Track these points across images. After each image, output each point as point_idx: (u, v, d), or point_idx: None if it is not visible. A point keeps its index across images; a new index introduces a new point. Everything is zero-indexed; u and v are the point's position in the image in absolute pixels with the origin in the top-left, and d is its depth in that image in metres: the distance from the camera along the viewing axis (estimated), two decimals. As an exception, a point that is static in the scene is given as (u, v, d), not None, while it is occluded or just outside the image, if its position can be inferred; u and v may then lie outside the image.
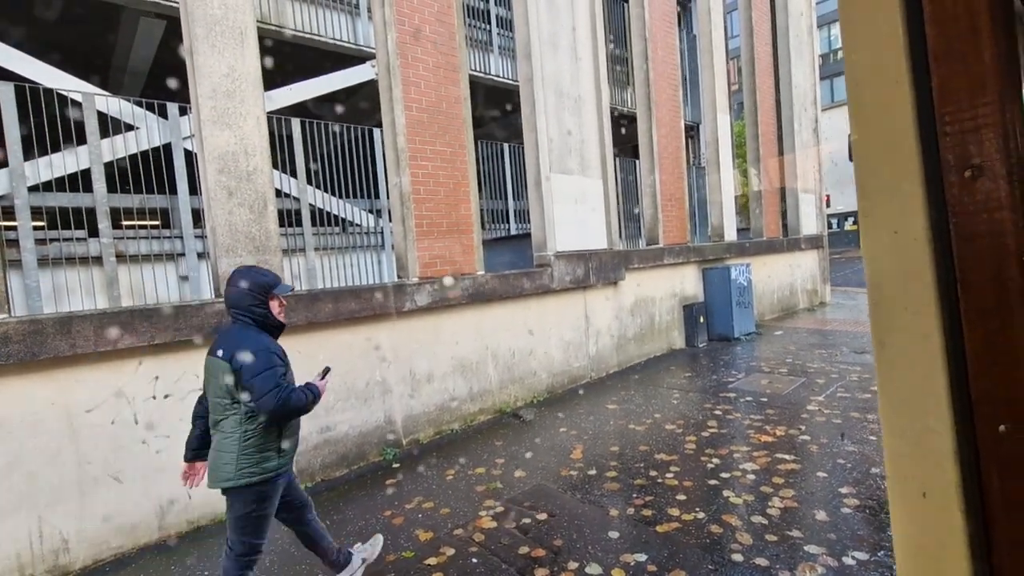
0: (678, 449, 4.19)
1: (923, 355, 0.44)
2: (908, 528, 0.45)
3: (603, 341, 6.79)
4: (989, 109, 0.40)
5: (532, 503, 3.50)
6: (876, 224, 0.46)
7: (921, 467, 0.44)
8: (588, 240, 6.55)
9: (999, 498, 0.40)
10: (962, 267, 0.42)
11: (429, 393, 4.93)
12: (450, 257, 5.08)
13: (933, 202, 0.43)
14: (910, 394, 0.44)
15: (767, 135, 10.49)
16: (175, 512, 3.50)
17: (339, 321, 4.27)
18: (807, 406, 4.94)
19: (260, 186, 3.88)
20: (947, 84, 0.42)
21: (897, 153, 0.44)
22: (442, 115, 5.04)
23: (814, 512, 3.10)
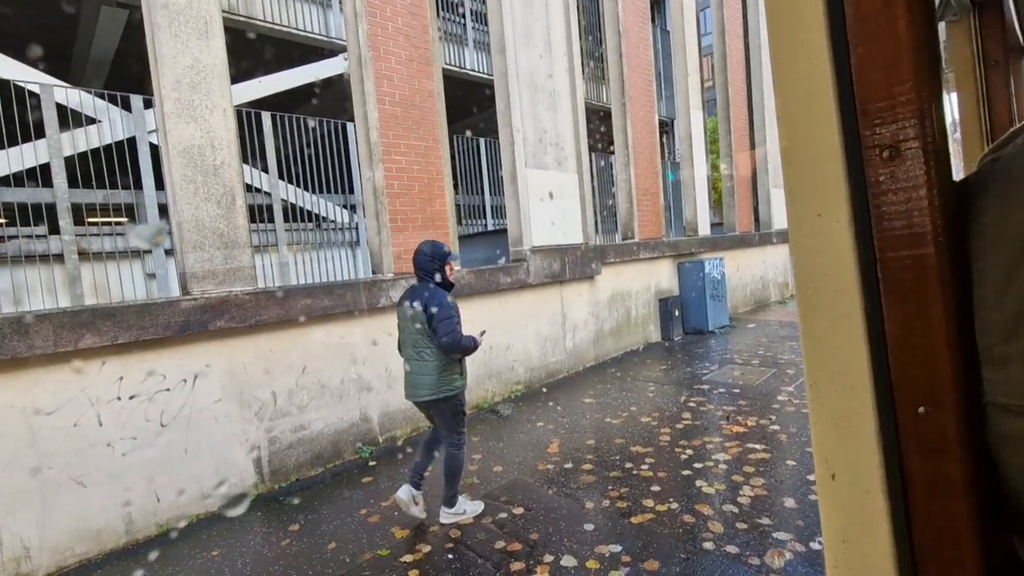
0: (653, 441, 4.25)
1: (846, 337, 0.44)
2: (833, 510, 0.45)
3: (580, 335, 6.84)
4: (905, 88, 0.40)
5: (509, 497, 3.51)
6: (801, 207, 0.45)
7: (845, 450, 0.44)
8: (564, 235, 6.57)
9: (918, 479, 0.41)
10: (882, 248, 0.42)
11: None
12: (425, 253, 5.04)
13: (854, 184, 0.43)
14: (834, 377, 0.45)
15: (739, 131, 10.67)
16: (143, 516, 3.41)
17: (313, 318, 4.20)
18: (778, 396, 5.06)
19: (228, 180, 3.79)
20: (864, 64, 0.41)
21: (819, 135, 0.44)
22: (416, 109, 4.99)
23: (783, 500, 3.18)
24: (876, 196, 0.42)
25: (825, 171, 0.44)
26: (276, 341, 4.03)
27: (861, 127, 0.42)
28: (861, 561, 0.43)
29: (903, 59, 0.40)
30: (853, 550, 0.44)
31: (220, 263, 3.73)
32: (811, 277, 0.45)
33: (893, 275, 0.41)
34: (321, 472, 4.26)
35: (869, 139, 0.42)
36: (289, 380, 4.11)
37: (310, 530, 3.32)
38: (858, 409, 0.43)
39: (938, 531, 0.40)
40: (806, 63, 0.44)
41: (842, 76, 0.43)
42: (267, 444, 3.98)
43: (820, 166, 0.44)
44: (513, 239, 6.17)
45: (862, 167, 0.42)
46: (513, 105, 5.94)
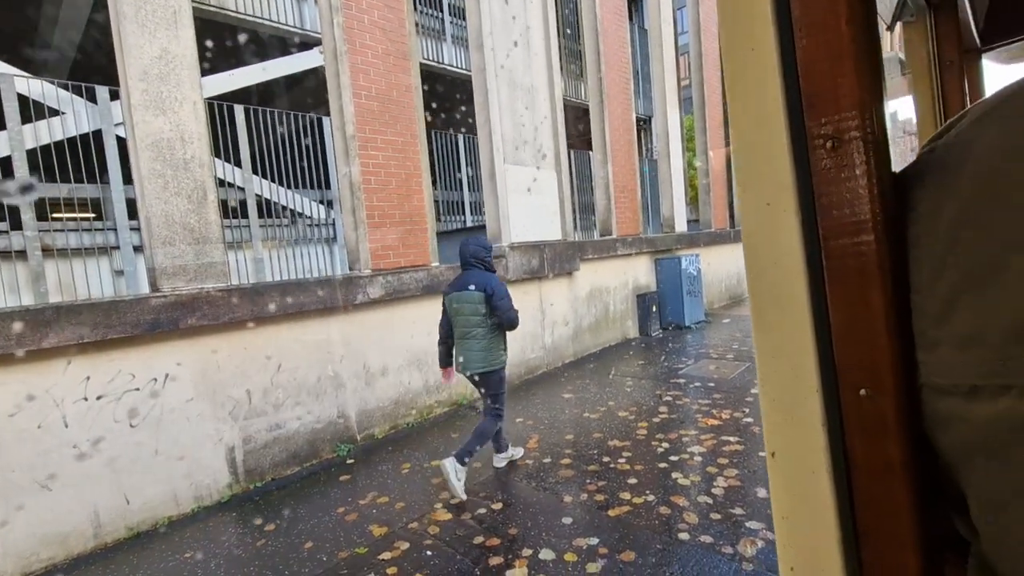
0: (630, 435, 4.31)
1: (793, 323, 0.45)
2: (781, 489, 0.47)
3: (559, 331, 6.88)
4: (847, 80, 0.41)
5: (488, 493, 3.52)
6: (751, 197, 0.46)
7: (792, 432, 0.46)
8: (543, 231, 6.59)
9: (860, 459, 0.42)
10: (826, 236, 0.43)
11: (384, 387, 4.87)
12: (403, 249, 5.01)
13: (801, 174, 0.44)
14: (781, 361, 0.46)
15: (714, 129, 10.83)
16: (112, 519, 3.33)
17: (288, 315, 4.14)
18: (751, 390, 5.17)
19: (199, 175, 3.70)
20: (810, 56, 0.42)
21: (768, 126, 0.45)
22: (393, 104, 4.94)
23: (755, 490, 3.25)
24: (820, 186, 0.43)
25: (773, 161, 0.45)
26: (250, 339, 3.96)
27: (807, 118, 0.43)
28: (807, 538, 0.45)
29: (845, 52, 0.41)
30: (800, 528, 0.46)
31: (191, 259, 3.65)
32: (761, 264, 0.47)
33: (836, 262, 0.42)
34: (298, 471, 4.20)
35: (814, 130, 0.43)
36: (264, 378, 4.05)
37: (286, 530, 3.28)
38: (804, 392, 0.44)
39: (879, 509, 0.42)
40: (752, 55, 0.45)
41: (788, 68, 0.43)
42: (242, 444, 3.91)
43: (768, 156, 0.45)
44: (492, 235, 6.16)
45: (808, 157, 0.43)
46: (491, 101, 5.93)
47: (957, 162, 0.35)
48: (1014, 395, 0.31)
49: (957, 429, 0.36)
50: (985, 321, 0.33)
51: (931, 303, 0.37)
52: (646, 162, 10.11)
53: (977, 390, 0.33)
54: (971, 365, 0.34)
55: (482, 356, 3.57)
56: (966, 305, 0.34)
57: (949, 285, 0.35)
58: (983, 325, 0.33)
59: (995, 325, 0.32)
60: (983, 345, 0.33)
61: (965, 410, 0.34)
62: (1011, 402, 0.31)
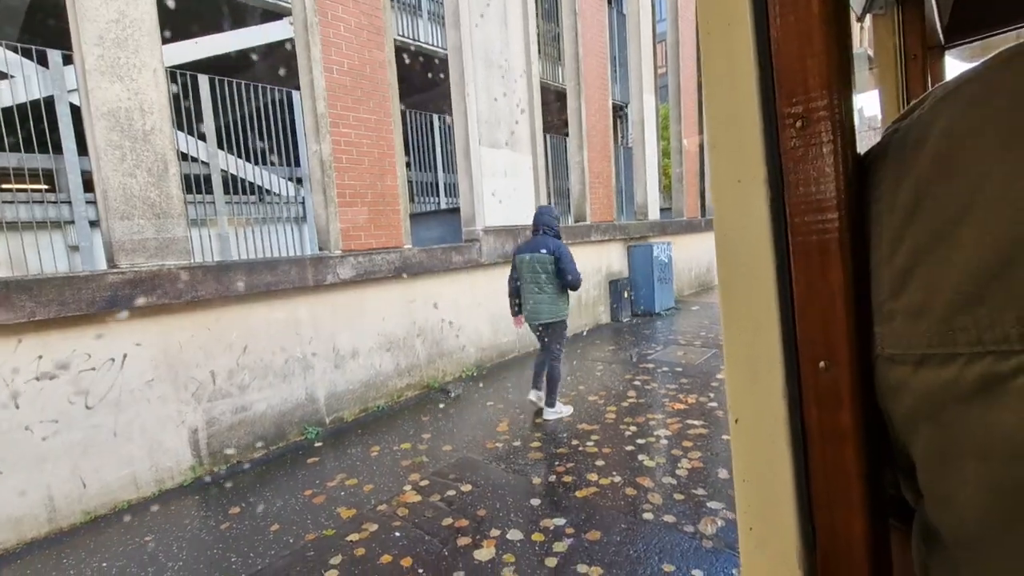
0: (599, 419, 4.37)
1: (758, 297, 0.46)
2: (741, 454, 0.49)
3: (531, 316, 6.90)
4: (816, 61, 0.41)
5: (457, 475, 3.54)
6: (722, 173, 0.47)
7: (754, 401, 0.47)
8: (518, 215, 6.57)
9: (815, 427, 0.44)
10: (792, 212, 0.44)
11: (354, 369, 4.82)
12: (375, 230, 4.93)
13: (770, 152, 0.44)
14: (746, 334, 0.47)
15: (689, 118, 10.92)
16: (68, 503, 3.22)
17: (254, 295, 4.04)
18: (717, 375, 5.30)
19: (159, 147, 3.54)
20: (781, 34, 0.43)
21: (741, 103, 0.45)
22: (365, 80, 4.81)
23: (717, 471, 3.35)
24: (788, 164, 0.44)
25: (745, 139, 0.45)
26: (214, 319, 3.85)
27: (778, 97, 0.44)
28: (765, 501, 0.47)
29: (815, 32, 0.41)
30: (759, 491, 0.48)
31: (151, 235, 3.51)
32: (729, 240, 0.48)
33: (801, 238, 0.43)
34: (264, 454, 4.14)
35: (784, 109, 0.43)
36: (229, 359, 3.95)
37: (251, 512, 3.24)
38: (767, 364, 0.46)
39: (832, 475, 0.44)
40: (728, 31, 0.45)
41: (762, 46, 0.44)
42: (205, 426, 3.82)
43: (741, 134, 0.46)
44: (466, 218, 6.11)
45: (778, 136, 0.44)
46: (467, 81, 5.83)
47: (917, 142, 0.37)
48: (959, 363, 0.33)
49: (906, 397, 0.37)
50: (934, 292, 0.34)
51: (888, 276, 0.38)
52: (621, 149, 10.15)
53: (925, 359, 0.35)
54: (921, 335, 0.35)
55: (548, 308, 4.26)
56: (919, 277, 0.36)
57: (904, 258, 0.37)
58: (932, 296, 0.35)
59: (942, 295, 0.34)
60: (932, 315, 0.34)
61: (914, 379, 0.36)
62: (956, 370, 0.33)
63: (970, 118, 0.33)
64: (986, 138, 0.32)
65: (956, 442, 0.34)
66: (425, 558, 2.66)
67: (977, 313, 0.32)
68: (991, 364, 0.31)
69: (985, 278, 0.31)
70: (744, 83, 0.45)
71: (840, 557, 0.44)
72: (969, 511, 0.34)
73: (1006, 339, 0.30)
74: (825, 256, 0.42)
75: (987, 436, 0.32)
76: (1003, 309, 0.31)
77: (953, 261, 0.33)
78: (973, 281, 0.32)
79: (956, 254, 0.33)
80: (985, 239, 0.31)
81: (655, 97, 9.85)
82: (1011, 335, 0.30)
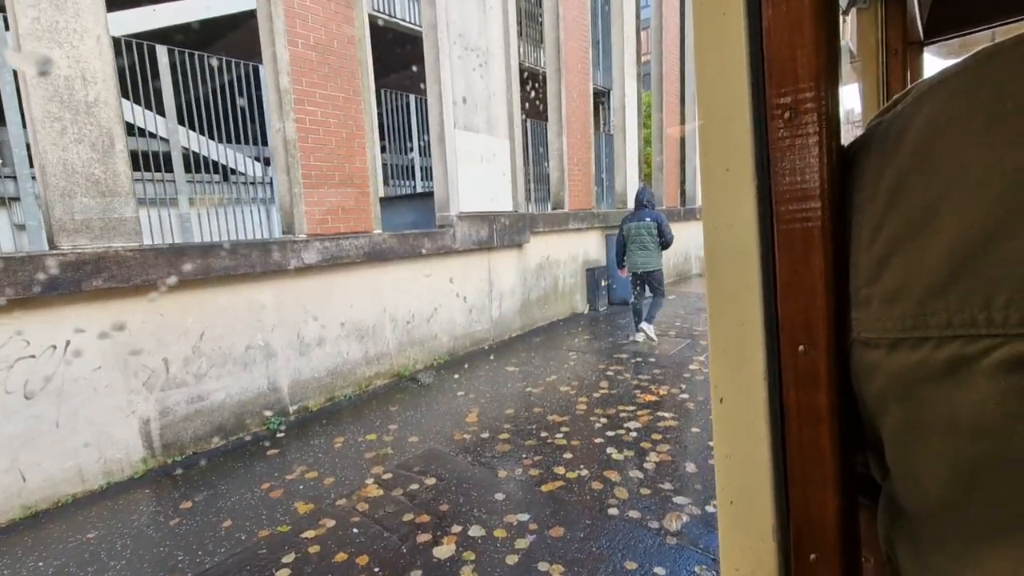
0: (570, 410, 4.31)
1: (743, 282, 0.48)
2: (725, 435, 0.51)
3: (507, 304, 6.81)
4: (804, 52, 0.42)
5: (422, 468, 3.45)
6: (712, 161, 0.48)
7: (736, 382, 0.49)
8: (493, 202, 6.43)
9: (793, 408, 0.46)
10: (777, 200, 0.45)
11: (320, 357, 4.67)
12: (343, 213, 4.75)
13: (758, 141, 0.45)
14: (730, 317, 0.49)
15: (670, 105, 10.83)
16: (6, 497, 3.04)
17: (211, 279, 3.85)
18: (689, 366, 5.28)
19: (105, 120, 3.31)
20: (773, 26, 0.43)
21: (732, 93, 0.46)
22: (334, 55, 4.59)
23: (685, 465, 3.32)
24: (775, 153, 0.44)
25: (735, 128, 0.46)
26: (168, 304, 3.66)
27: (767, 87, 0.44)
28: (744, 477, 0.50)
29: (805, 23, 0.42)
30: (739, 467, 0.50)
31: (96, 214, 3.29)
32: (716, 226, 0.49)
33: (785, 226, 0.44)
34: (223, 445, 3.99)
35: (773, 100, 0.44)
36: (184, 347, 3.77)
37: (204, 507, 3.10)
38: (750, 346, 0.48)
39: (807, 454, 0.46)
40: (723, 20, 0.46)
41: (754, 36, 0.44)
42: (158, 416, 3.65)
43: (731, 122, 0.47)
44: (440, 203, 5.95)
45: (766, 126, 0.45)
46: (442, 61, 5.63)
47: (899, 134, 0.38)
48: (930, 346, 0.34)
49: (878, 378, 0.39)
50: (909, 278, 0.36)
51: (866, 263, 0.39)
52: (603, 136, 10.03)
53: (899, 343, 0.36)
54: (896, 319, 0.37)
55: (653, 260, 5.91)
56: (895, 264, 0.37)
57: (882, 246, 0.38)
58: (907, 282, 0.36)
59: (916, 282, 0.35)
60: (906, 301, 0.36)
61: (887, 361, 0.37)
62: (927, 352, 0.34)
63: (951, 110, 0.34)
64: (966, 130, 0.33)
65: (923, 420, 0.35)
66: (382, 556, 2.57)
67: (948, 298, 0.33)
68: (959, 347, 0.32)
69: (956, 265, 0.32)
70: (735, 73, 0.46)
71: (813, 531, 0.46)
72: (933, 484, 0.36)
73: (973, 323, 0.32)
74: (808, 244, 0.43)
75: (952, 414, 0.33)
76: (972, 294, 0.32)
77: (928, 248, 0.34)
78: (945, 268, 0.33)
79: (931, 242, 0.34)
80: (958, 227, 0.32)
81: (637, 83, 9.72)
82: (978, 319, 0.31)
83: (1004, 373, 0.30)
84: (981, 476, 0.33)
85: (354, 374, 4.96)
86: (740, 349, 0.48)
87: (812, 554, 0.46)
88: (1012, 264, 0.30)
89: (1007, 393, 0.30)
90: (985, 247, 0.31)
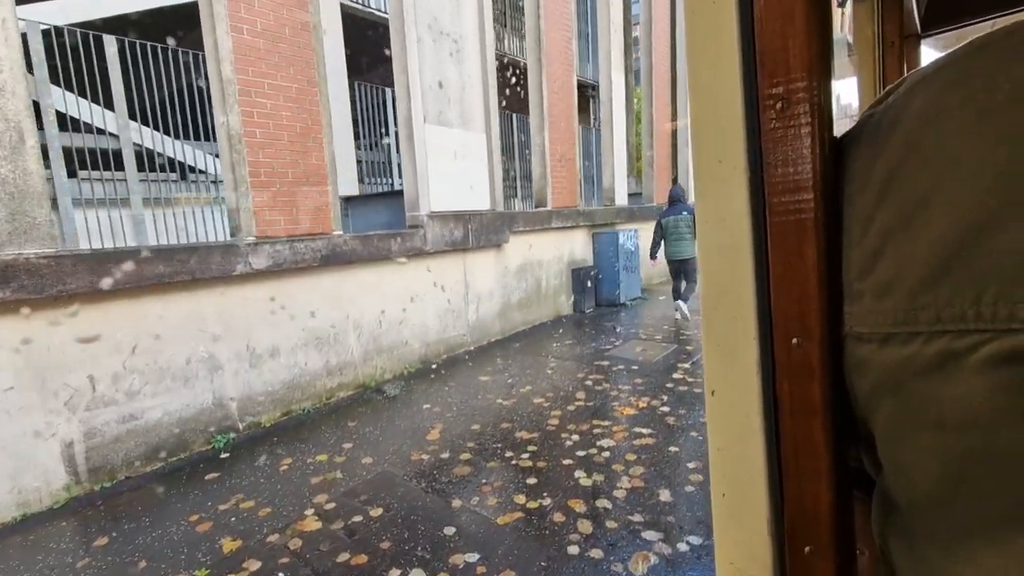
0: (541, 425, 3.99)
1: (736, 275, 0.46)
2: (718, 428, 0.50)
3: (484, 307, 6.48)
4: (796, 42, 0.41)
5: (370, 496, 3.12)
6: (704, 153, 0.47)
7: (730, 376, 0.48)
8: (469, 200, 6.09)
9: (786, 401, 0.45)
10: (770, 192, 0.44)
11: (274, 369, 4.34)
12: (298, 214, 4.41)
13: (751, 132, 0.44)
14: (724, 310, 0.48)
15: (661, 99, 10.47)
16: None
17: (145, 287, 3.52)
18: (673, 374, 4.96)
19: (11, 114, 2.98)
20: (765, 15, 0.42)
21: (724, 84, 0.45)
22: (285, 43, 4.24)
23: (659, 492, 3.00)
24: (768, 144, 0.44)
25: (727, 119, 0.45)
26: (93, 315, 3.33)
27: (759, 78, 0.43)
28: (737, 469, 0.48)
29: (797, 13, 0.41)
30: (732, 460, 0.49)
31: (2, 218, 2.96)
32: (709, 219, 0.48)
33: (778, 218, 0.44)
34: (160, 467, 3.67)
35: (765, 90, 0.43)
36: (114, 362, 3.45)
37: (120, 544, 2.78)
38: (743, 340, 0.47)
39: (800, 447, 0.45)
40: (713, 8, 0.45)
41: (745, 27, 0.43)
42: (83, 438, 3.33)
43: (723, 114, 0.45)
44: (410, 203, 5.62)
45: (758, 116, 0.44)
46: (410, 50, 5.29)
47: (890, 125, 0.37)
48: (920, 341, 0.33)
49: (870, 373, 0.38)
50: (900, 273, 0.35)
51: (858, 257, 0.39)
52: (593, 131, 9.68)
53: (890, 337, 0.36)
54: (887, 314, 0.36)
55: (689, 248, 6.48)
56: (887, 257, 0.36)
57: (874, 239, 0.37)
58: (898, 276, 0.35)
59: (907, 276, 0.34)
60: (897, 295, 0.35)
61: (878, 355, 0.37)
62: (917, 347, 0.34)
63: (943, 102, 0.34)
64: (957, 122, 0.33)
65: (914, 414, 0.35)
66: (305, 608, 2.25)
67: (937, 293, 0.33)
68: (948, 342, 0.32)
69: (947, 258, 0.32)
70: (727, 63, 0.45)
71: (807, 525, 0.45)
72: (923, 479, 0.35)
73: (963, 318, 0.31)
74: (801, 236, 0.43)
75: (941, 409, 0.33)
76: (962, 289, 0.31)
77: (919, 242, 0.34)
78: (935, 262, 0.33)
79: (922, 235, 0.34)
80: (949, 220, 0.32)
81: (626, 76, 9.37)
82: (968, 314, 0.31)
83: (992, 368, 0.30)
84: (970, 471, 0.32)
85: (313, 386, 4.64)
86: (733, 341, 0.47)
87: (807, 547, 0.46)
88: (1002, 257, 0.30)
89: (995, 388, 0.30)
90: (976, 240, 0.31)
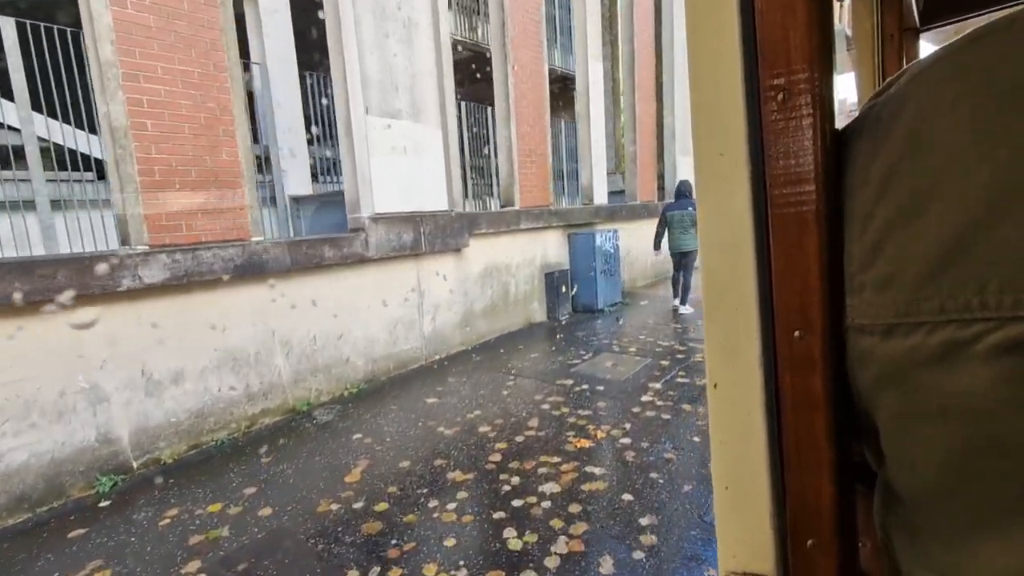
0: (480, 463, 3.43)
1: (738, 268, 0.46)
2: (720, 421, 0.49)
3: (442, 318, 5.91)
4: (797, 33, 0.41)
5: (251, 565, 2.56)
6: (705, 146, 0.47)
7: (731, 369, 0.47)
8: (422, 200, 5.52)
9: (788, 394, 0.45)
10: (771, 184, 0.44)
11: (178, 397, 3.77)
12: (204, 218, 3.84)
13: (752, 125, 0.44)
14: (726, 304, 0.47)
15: (644, 89, 9.86)
16: None
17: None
18: (642, 396, 4.40)
19: None
20: (766, 7, 0.42)
21: (725, 76, 0.45)
22: (183, 20, 3.66)
23: (600, 560, 2.44)
24: (769, 136, 0.43)
25: (728, 111, 0.45)
26: (-78, 345, 2.76)
27: (760, 69, 0.43)
28: (739, 461, 0.48)
29: (798, 2, 0.41)
30: (734, 452, 0.48)
31: None
32: (711, 212, 0.47)
33: (779, 211, 0.43)
34: (23, 520, 3.10)
35: (766, 82, 0.43)
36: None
37: (-81, 638, 2.22)
38: (744, 331, 0.46)
39: (802, 438, 0.44)
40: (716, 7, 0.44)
41: (746, 18, 0.43)
42: (-87, 492, 2.76)
43: (724, 106, 0.45)
44: (350, 204, 5.04)
45: (760, 108, 0.44)
46: (346, 32, 4.70)
47: (891, 117, 0.37)
48: (923, 332, 0.33)
49: (872, 365, 0.38)
50: (902, 264, 0.35)
51: (859, 249, 0.39)
52: (573, 125, 9.09)
53: (892, 329, 0.35)
54: (889, 306, 0.36)
55: (692, 241, 6.65)
56: (888, 249, 0.36)
57: (875, 231, 0.37)
58: (900, 268, 0.35)
59: (909, 268, 0.34)
60: (899, 287, 0.35)
61: (881, 347, 0.36)
62: (920, 338, 0.33)
63: (942, 95, 0.34)
64: (957, 115, 0.32)
65: (917, 406, 0.35)
66: None
67: (941, 283, 0.32)
68: (953, 332, 0.32)
69: (949, 250, 0.32)
70: (728, 55, 0.45)
71: (809, 518, 0.45)
72: (926, 470, 0.35)
73: (968, 307, 0.31)
74: (802, 228, 0.42)
75: (945, 399, 0.33)
76: (965, 279, 0.31)
77: (920, 234, 0.34)
78: (938, 253, 0.33)
79: (924, 228, 0.33)
80: (951, 213, 0.32)
81: (602, 64, 8.78)
82: (972, 303, 0.31)
83: (997, 357, 0.30)
84: (974, 462, 0.32)
85: (230, 413, 4.07)
86: (735, 334, 0.47)
87: (809, 540, 0.45)
88: (1005, 249, 0.30)
89: (1000, 378, 0.30)
90: (977, 232, 0.30)
